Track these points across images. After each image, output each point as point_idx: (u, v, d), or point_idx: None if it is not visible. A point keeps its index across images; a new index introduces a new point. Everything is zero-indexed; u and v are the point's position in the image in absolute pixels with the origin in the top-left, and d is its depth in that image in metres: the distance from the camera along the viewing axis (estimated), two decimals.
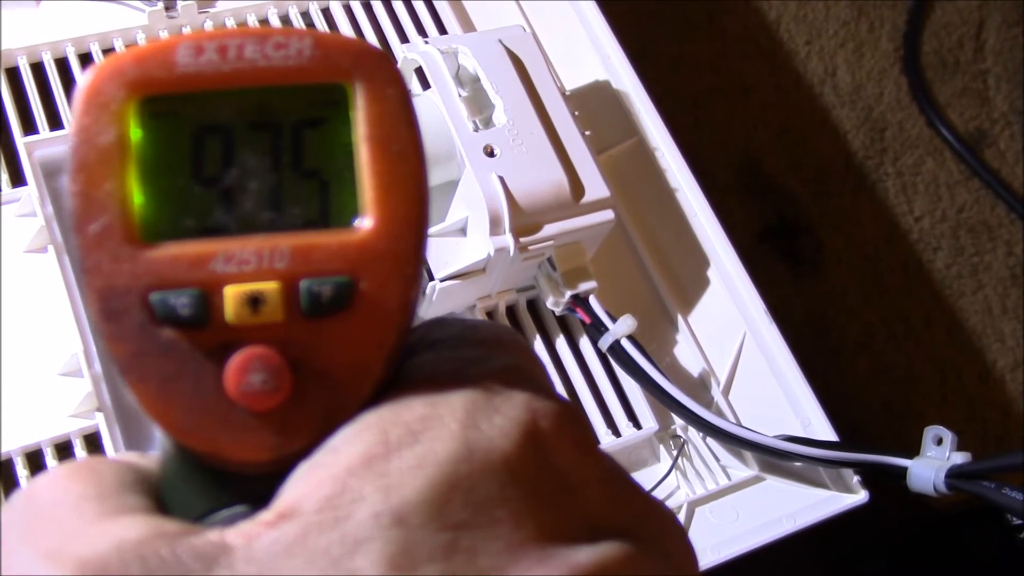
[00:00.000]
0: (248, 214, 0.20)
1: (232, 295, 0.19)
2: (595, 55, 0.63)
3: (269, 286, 0.19)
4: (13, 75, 0.57)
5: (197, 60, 0.19)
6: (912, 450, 0.51)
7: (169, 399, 0.19)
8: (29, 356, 0.50)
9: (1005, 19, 0.93)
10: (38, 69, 0.57)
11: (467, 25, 0.64)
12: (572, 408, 0.21)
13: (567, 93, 0.57)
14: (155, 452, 0.21)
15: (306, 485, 0.18)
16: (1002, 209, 0.85)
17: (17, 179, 0.54)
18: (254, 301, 0.19)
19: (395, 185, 0.20)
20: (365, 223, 0.20)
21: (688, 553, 0.21)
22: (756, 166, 0.82)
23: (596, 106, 0.62)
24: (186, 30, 0.59)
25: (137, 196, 0.19)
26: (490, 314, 0.55)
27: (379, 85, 0.20)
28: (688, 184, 0.59)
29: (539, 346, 0.55)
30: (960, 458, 0.50)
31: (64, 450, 0.49)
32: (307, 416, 0.19)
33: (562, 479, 0.19)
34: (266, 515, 0.18)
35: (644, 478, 0.54)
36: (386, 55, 0.20)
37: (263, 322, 0.19)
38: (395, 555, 0.17)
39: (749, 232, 0.79)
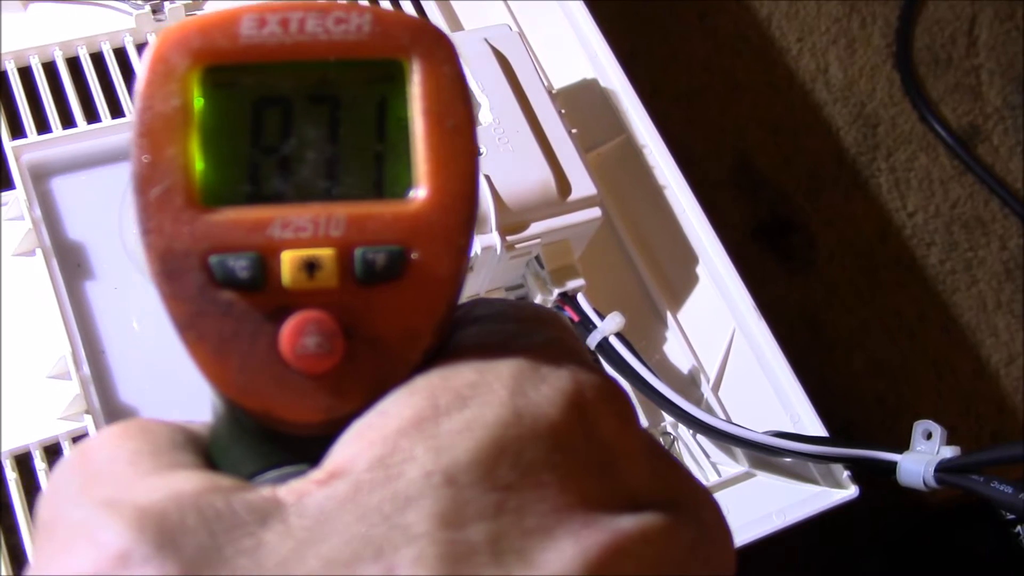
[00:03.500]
0: (305, 183, 0.20)
1: (289, 260, 0.20)
2: (583, 53, 0.63)
3: (325, 252, 0.20)
4: (0, 78, 0.57)
5: (260, 32, 0.20)
6: (905, 445, 0.51)
7: (225, 359, 0.20)
8: (18, 359, 0.50)
9: (997, 14, 0.93)
10: (26, 73, 0.57)
11: (454, 23, 0.64)
12: (614, 383, 0.21)
13: (554, 91, 0.57)
14: (200, 420, 0.22)
15: (357, 445, 0.19)
16: (996, 204, 0.85)
17: (5, 183, 0.54)
18: (310, 266, 0.20)
19: (448, 159, 0.20)
20: (419, 195, 0.20)
21: (723, 527, 0.22)
22: (748, 163, 0.82)
23: (583, 104, 0.62)
24: None
25: (198, 162, 0.20)
26: None
27: (436, 62, 0.20)
28: (676, 181, 0.59)
29: None
30: (950, 452, 0.50)
31: (53, 453, 0.49)
32: (359, 380, 0.20)
33: (606, 449, 0.20)
34: (317, 473, 0.18)
35: None
36: (443, 34, 0.21)
37: (318, 287, 0.20)
38: (445, 512, 0.18)
39: (742, 229, 0.79)
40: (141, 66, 0.20)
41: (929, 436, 0.51)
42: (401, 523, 0.17)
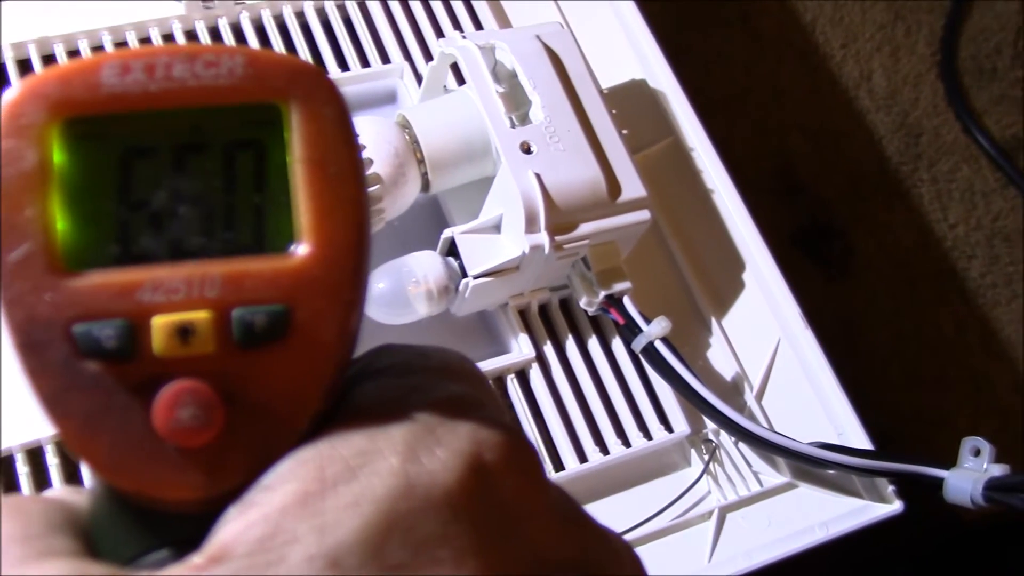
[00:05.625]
0: (178, 240, 0.19)
1: (160, 326, 0.18)
2: (632, 54, 0.63)
3: (199, 316, 0.18)
4: (49, 63, 0.57)
5: (123, 79, 0.19)
6: (943, 459, 0.50)
7: (95, 437, 0.18)
8: None
9: None
10: (74, 57, 0.57)
11: (503, 22, 0.63)
12: (520, 438, 0.20)
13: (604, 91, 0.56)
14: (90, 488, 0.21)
15: (238, 526, 0.17)
16: None
17: None
18: (184, 332, 0.18)
19: (333, 209, 0.19)
20: (301, 249, 0.19)
21: None
22: (789, 169, 0.81)
23: (631, 105, 0.61)
24: (222, 22, 0.59)
25: (60, 222, 0.18)
26: (523, 312, 0.55)
27: (315, 104, 0.19)
28: (724, 185, 0.59)
29: (571, 346, 0.55)
30: (998, 470, 0.49)
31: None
32: (240, 452, 0.19)
33: (507, 513, 0.19)
34: (196, 558, 0.17)
35: (675, 482, 0.53)
36: (323, 73, 0.20)
37: (194, 354, 0.18)
38: None
39: (780, 235, 0.78)
40: None
41: (977, 453, 0.50)
42: None
